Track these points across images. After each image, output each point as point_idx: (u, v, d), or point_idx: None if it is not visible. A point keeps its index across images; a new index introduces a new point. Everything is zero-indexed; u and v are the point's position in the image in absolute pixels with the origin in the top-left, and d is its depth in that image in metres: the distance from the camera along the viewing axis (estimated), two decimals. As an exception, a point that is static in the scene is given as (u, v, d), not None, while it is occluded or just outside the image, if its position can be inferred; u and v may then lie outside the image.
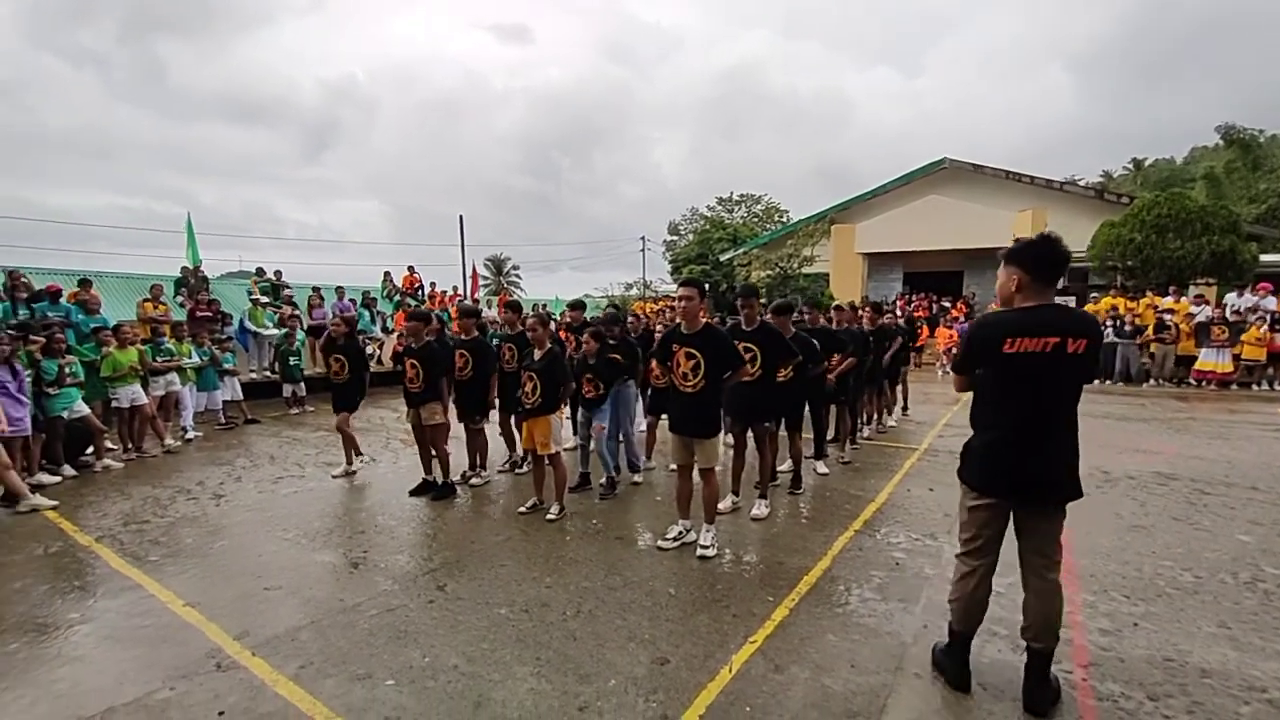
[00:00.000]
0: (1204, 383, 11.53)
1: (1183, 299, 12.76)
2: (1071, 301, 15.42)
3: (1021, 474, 2.35)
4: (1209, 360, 11.50)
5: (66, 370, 6.07)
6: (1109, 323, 12.63)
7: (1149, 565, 3.69)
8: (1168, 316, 12.21)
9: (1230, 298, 12.55)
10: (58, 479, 5.88)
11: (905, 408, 8.81)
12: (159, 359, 7.52)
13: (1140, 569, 3.64)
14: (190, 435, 7.81)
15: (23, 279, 8.91)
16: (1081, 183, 27.80)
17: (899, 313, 11.75)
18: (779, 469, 5.33)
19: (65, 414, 6.05)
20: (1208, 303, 12.64)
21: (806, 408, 5.46)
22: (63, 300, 8.77)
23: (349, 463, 6.05)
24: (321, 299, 12.75)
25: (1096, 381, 12.46)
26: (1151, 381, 12.12)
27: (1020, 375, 2.31)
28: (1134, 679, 2.57)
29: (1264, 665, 2.65)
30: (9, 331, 5.92)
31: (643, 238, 38.44)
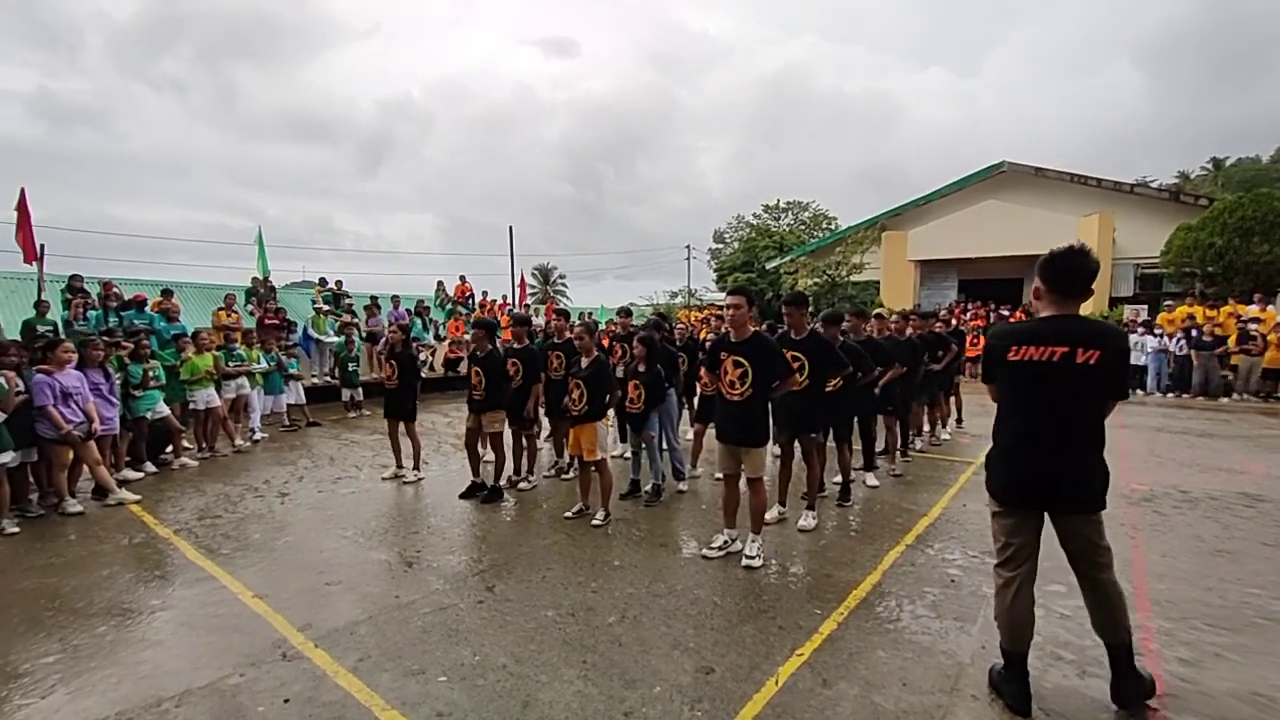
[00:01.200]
0: (1296, 397, 10.66)
1: (1269, 307, 11.85)
2: (1144, 310, 14.57)
3: (1032, 481, 2.39)
4: (1302, 373, 10.62)
5: (150, 374, 6.53)
6: (1185, 332, 11.84)
7: (1234, 593, 3.43)
8: (1253, 326, 11.35)
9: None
10: (140, 475, 6.32)
11: (959, 419, 8.48)
12: (231, 364, 7.99)
13: (1224, 596, 3.39)
14: (258, 436, 8.25)
15: (114, 289, 9.66)
16: (1154, 184, 26.25)
17: (953, 322, 11.33)
18: (830, 480, 5.21)
19: (148, 414, 6.50)
20: (1300, 311, 11.69)
21: (855, 418, 5.35)
22: (147, 309, 9.46)
23: (399, 465, 6.24)
24: (378, 307, 13.30)
25: (1170, 395, 11.71)
26: (1235, 395, 11.29)
27: (1025, 383, 2.38)
28: (1218, 713, 2.40)
29: (1369, 706, 2.42)
30: (103, 338, 6.41)
31: (688, 246, 38.46)
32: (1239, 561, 3.87)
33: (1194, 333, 11.78)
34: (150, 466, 6.56)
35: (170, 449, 6.94)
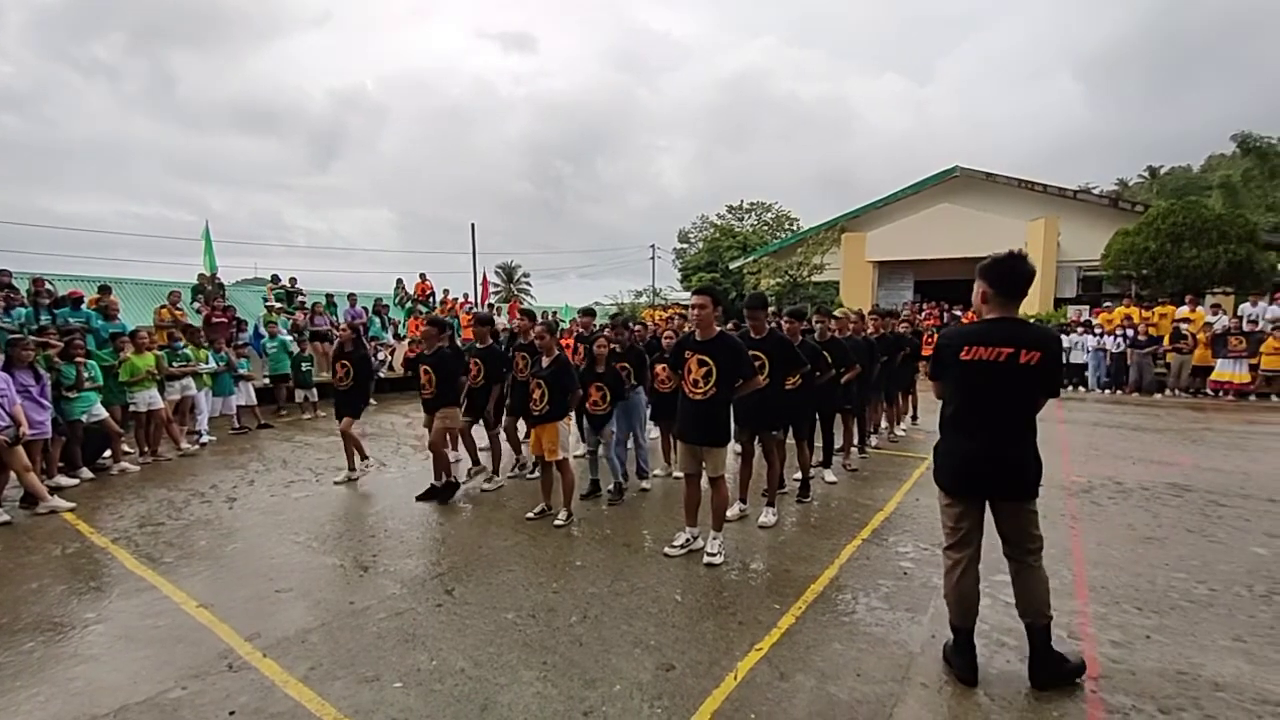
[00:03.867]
0: (1221, 393, 11.36)
1: (1198, 308, 12.60)
2: (1085, 310, 15.30)
3: (975, 473, 2.56)
4: (1226, 370, 11.32)
5: (85, 375, 6.19)
6: (1123, 332, 12.49)
7: (1162, 577, 3.64)
8: (1184, 326, 12.05)
9: (1244, 307, 12.37)
10: (75, 481, 5.99)
11: (915, 416, 8.75)
12: (175, 364, 7.65)
13: (1153, 581, 3.59)
14: (205, 439, 7.92)
15: (46, 285, 9.12)
16: (1096, 190, 27.62)
17: (911, 322, 11.70)
18: (790, 477, 5.31)
19: (84, 418, 6.17)
20: (1224, 312, 12.46)
21: (816, 416, 5.46)
22: (83, 306, 8.96)
23: (351, 468, 6.08)
24: (334, 305, 12.93)
25: (1108, 392, 12.33)
26: (1167, 392, 11.96)
27: (974, 381, 2.55)
28: (1145, 692, 2.54)
29: (1278, 679, 2.61)
30: (32, 337, 6.05)
31: (653, 246, 38.61)
32: (1166, 547, 4.10)
33: (1130, 332, 12.43)
34: (86, 472, 6.22)
35: (109, 453, 6.60)
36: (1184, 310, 12.55)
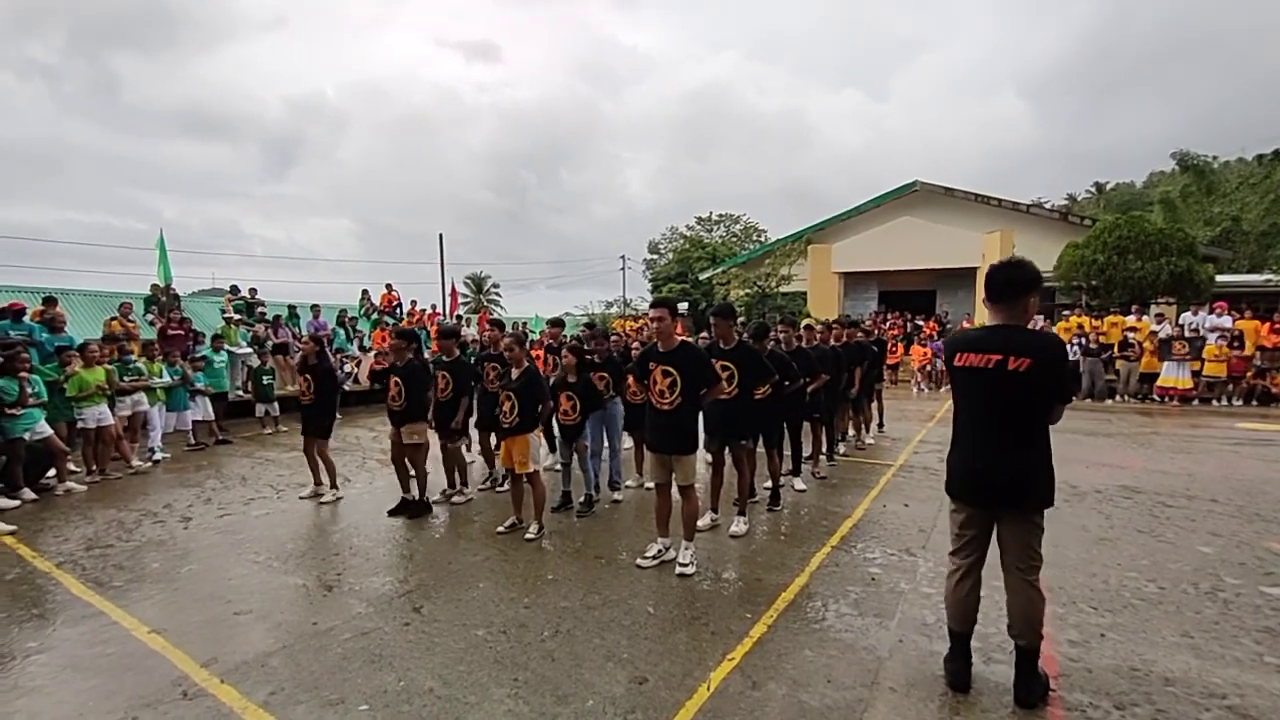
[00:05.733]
0: (1166, 398, 11.91)
1: (1144, 318, 13.21)
2: (1040, 320, 15.89)
3: (972, 480, 2.58)
4: (1170, 376, 11.88)
5: (29, 390, 5.90)
6: (1076, 341, 13.01)
7: (1115, 577, 3.78)
8: (1131, 335, 12.62)
9: (1186, 316, 13.03)
10: (16, 503, 5.68)
11: (881, 424, 8.94)
12: (127, 378, 7.34)
13: (1106, 581, 3.73)
14: (158, 456, 7.61)
15: (-16, 297, 8.66)
16: (1047, 205, 28.83)
17: (874, 331, 11.99)
18: (760, 486, 5.36)
19: (26, 435, 5.87)
20: (1168, 321, 13.09)
21: (784, 425, 5.53)
22: (26, 319, 8.53)
23: (317, 483, 5.94)
24: (296, 316, 12.60)
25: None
26: (1117, 398, 12.48)
27: (966, 387, 2.61)
28: (1101, 689, 2.63)
29: (1223, 672, 2.73)
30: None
31: (623, 256, 38.71)
32: (1118, 548, 4.27)
33: (1082, 340, 12.96)
34: (28, 493, 5.90)
35: (53, 473, 6.28)
36: (1131, 319, 13.14)
